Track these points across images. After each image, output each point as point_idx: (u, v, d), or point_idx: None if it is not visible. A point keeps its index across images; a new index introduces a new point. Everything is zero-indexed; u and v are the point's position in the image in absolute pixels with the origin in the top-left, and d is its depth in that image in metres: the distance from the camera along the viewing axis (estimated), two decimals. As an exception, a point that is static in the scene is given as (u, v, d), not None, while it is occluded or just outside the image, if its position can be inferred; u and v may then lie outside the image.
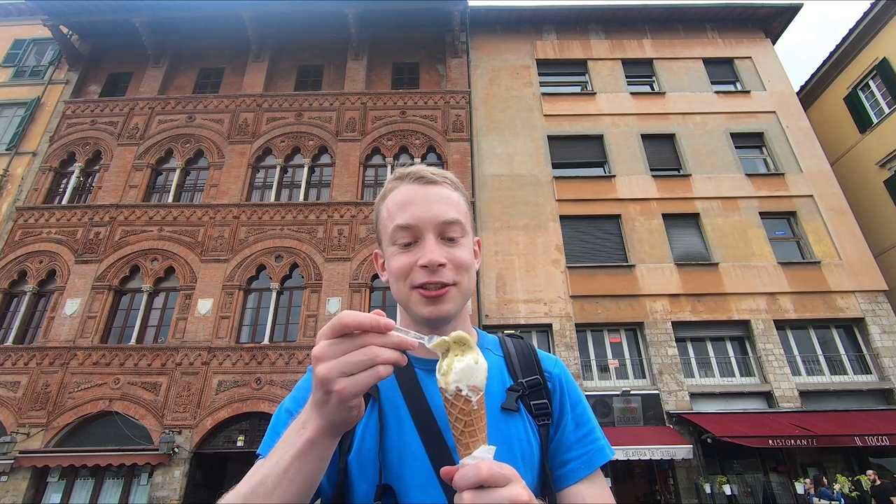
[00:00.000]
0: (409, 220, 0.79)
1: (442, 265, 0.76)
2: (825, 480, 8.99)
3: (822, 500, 8.50)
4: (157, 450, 9.84)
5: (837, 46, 15.58)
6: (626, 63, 15.71)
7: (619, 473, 10.93)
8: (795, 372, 11.13)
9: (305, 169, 13.73)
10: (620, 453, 9.11)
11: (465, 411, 0.55)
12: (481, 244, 0.94)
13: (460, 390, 0.55)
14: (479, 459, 0.52)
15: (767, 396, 10.81)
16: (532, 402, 0.81)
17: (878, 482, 8.46)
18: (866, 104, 14.90)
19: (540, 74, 15.55)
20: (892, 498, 8.24)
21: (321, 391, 0.52)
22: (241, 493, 0.56)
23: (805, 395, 10.74)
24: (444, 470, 0.55)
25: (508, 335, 0.94)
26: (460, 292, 0.80)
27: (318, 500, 0.72)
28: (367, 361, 0.51)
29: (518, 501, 0.49)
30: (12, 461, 9.74)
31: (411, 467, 0.71)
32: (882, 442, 8.89)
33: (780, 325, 11.60)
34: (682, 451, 9.33)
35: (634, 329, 11.80)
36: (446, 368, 0.56)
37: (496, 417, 0.76)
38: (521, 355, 0.88)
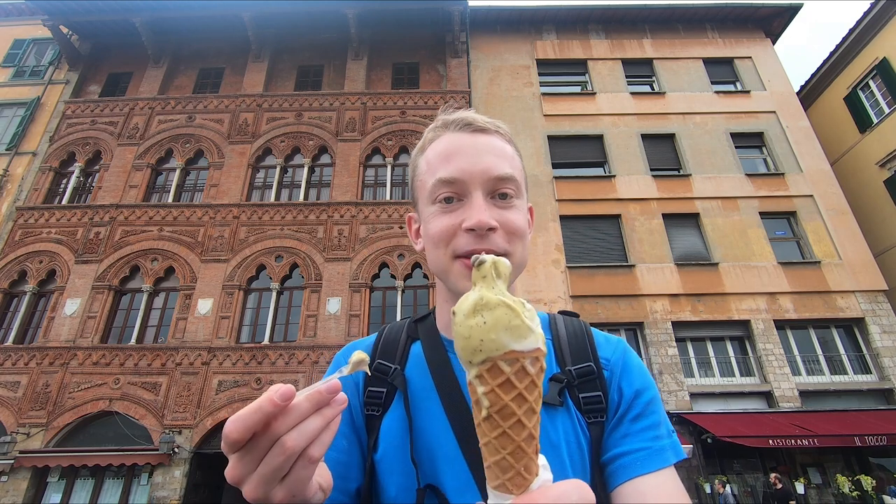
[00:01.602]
0: (453, 174, 0.66)
1: (492, 229, 0.64)
2: None
3: (893, 500, 8.52)
4: (157, 450, 9.84)
5: (837, 46, 15.57)
6: (626, 63, 15.71)
7: (619, 473, 10.92)
8: (795, 372, 11.12)
9: (305, 169, 13.73)
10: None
11: (539, 386, 0.36)
12: (534, 212, 0.80)
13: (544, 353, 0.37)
14: (548, 473, 0.36)
15: (767, 396, 10.81)
16: (581, 395, 0.66)
17: (779, 486, 8.68)
18: (866, 104, 14.89)
19: (540, 74, 15.55)
20: (791, 502, 8.45)
21: None
22: None
23: (805, 395, 10.74)
24: None
25: (562, 313, 0.79)
26: (514, 265, 0.65)
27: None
28: (289, 458, 0.39)
29: None
30: (12, 461, 9.74)
31: (445, 470, 0.62)
32: (882, 442, 8.89)
33: (780, 324, 11.60)
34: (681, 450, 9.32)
35: (634, 329, 11.79)
36: (535, 316, 0.37)
37: None
38: (573, 338, 0.72)
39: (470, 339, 0.34)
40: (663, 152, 14.12)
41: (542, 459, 0.36)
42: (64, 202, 13.28)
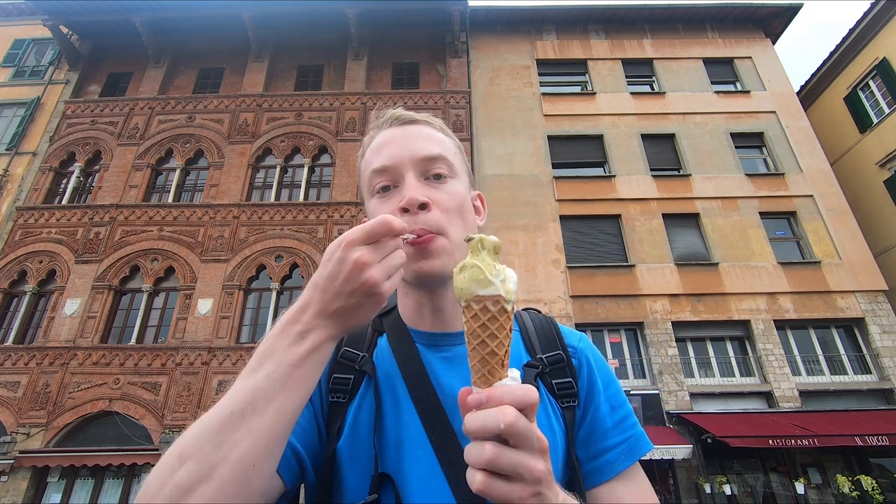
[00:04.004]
0: (384, 161, 0.70)
1: (424, 206, 0.66)
2: None
3: None
4: (157, 450, 9.83)
5: (837, 46, 15.57)
6: (626, 63, 15.70)
7: (619, 473, 10.93)
8: (795, 372, 11.12)
9: (305, 169, 13.72)
10: (620, 453, 9.11)
11: (500, 319, 0.48)
12: (484, 199, 0.84)
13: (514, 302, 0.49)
14: (515, 382, 0.47)
15: (767, 396, 10.81)
16: (554, 381, 0.70)
17: None
18: (866, 104, 14.89)
19: (540, 74, 15.54)
20: None
21: (362, 296, 0.51)
22: (224, 409, 0.47)
23: (805, 395, 10.74)
24: (469, 396, 0.45)
25: (526, 310, 0.83)
26: (453, 244, 0.68)
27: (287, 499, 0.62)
28: (400, 263, 0.54)
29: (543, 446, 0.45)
30: (12, 461, 9.73)
31: (411, 456, 0.62)
32: (882, 442, 8.87)
33: (780, 325, 11.59)
34: (682, 451, 9.33)
35: (634, 329, 11.79)
36: (503, 275, 0.48)
37: None
38: (541, 330, 0.77)
39: (457, 287, 0.49)
40: (663, 152, 14.12)
41: (513, 372, 0.47)
42: (64, 202, 13.28)
